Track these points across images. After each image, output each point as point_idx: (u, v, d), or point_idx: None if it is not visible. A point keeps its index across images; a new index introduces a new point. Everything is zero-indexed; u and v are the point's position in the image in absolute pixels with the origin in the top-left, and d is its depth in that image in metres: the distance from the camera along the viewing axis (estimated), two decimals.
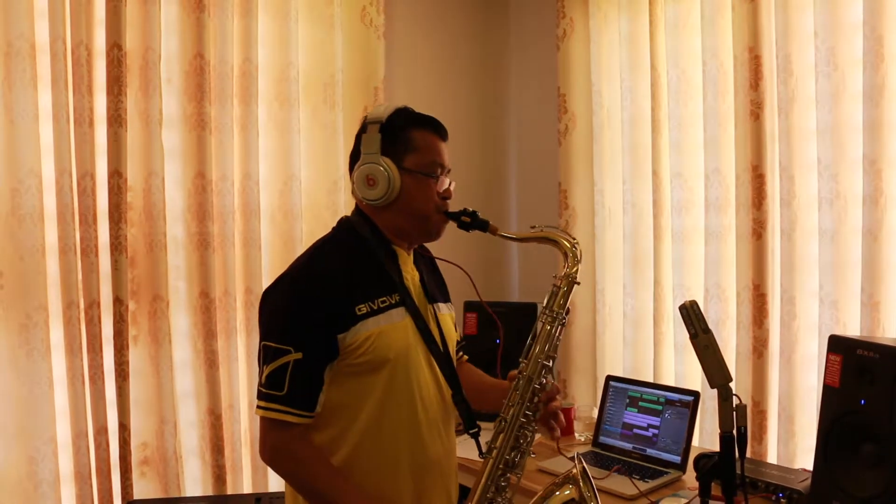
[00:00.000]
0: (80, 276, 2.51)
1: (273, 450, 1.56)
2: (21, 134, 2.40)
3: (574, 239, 1.65)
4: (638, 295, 3.06)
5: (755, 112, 2.51)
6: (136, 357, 2.65)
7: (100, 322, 2.54)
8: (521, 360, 1.61)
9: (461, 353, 1.92)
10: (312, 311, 1.52)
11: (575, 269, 1.62)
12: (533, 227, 1.65)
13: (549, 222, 3.16)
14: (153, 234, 2.66)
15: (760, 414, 2.55)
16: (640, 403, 2.54)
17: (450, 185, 1.69)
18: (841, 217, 2.35)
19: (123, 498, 2.58)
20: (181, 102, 2.72)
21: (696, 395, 2.42)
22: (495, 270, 3.66)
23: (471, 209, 1.65)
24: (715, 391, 1.49)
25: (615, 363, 3.16)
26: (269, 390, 1.53)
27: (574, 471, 1.53)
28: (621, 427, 2.56)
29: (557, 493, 1.53)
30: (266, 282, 2.88)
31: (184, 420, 2.76)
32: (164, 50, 2.66)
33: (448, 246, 1.81)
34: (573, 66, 3.21)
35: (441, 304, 1.77)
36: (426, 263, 1.80)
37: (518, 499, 1.65)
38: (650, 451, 2.45)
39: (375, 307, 1.56)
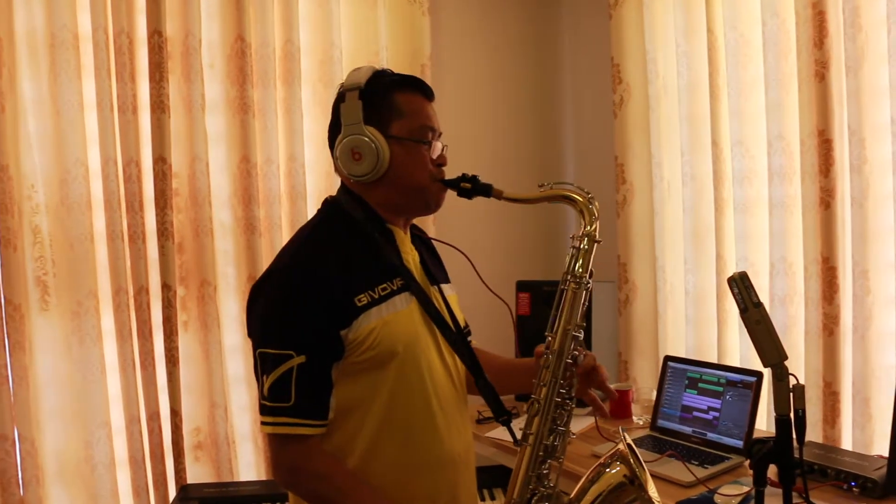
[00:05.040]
0: (128, 263, 2.54)
1: (291, 470, 1.40)
2: (67, 123, 2.44)
3: (588, 193, 1.50)
4: (700, 271, 2.92)
5: (820, 72, 2.34)
6: (186, 342, 2.67)
7: (149, 308, 2.57)
8: (546, 333, 1.46)
9: (468, 339, 1.71)
10: (310, 308, 1.36)
11: (593, 226, 1.48)
12: (541, 186, 1.50)
13: (606, 198, 3.08)
14: (199, 219, 2.66)
15: (833, 396, 2.39)
16: (700, 385, 2.41)
17: (443, 149, 1.53)
18: None
19: (177, 482, 2.61)
20: (224, 87, 2.72)
21: (759, 375, 2.27)
22: (552, 247, 3.55)
23: (470, 174, 1.49)
24: None
25: (677, 343, 3.03)
26: (275, 403, 1.37)
27: (620, 447, 1.42)
28: (680, 410, 2.44)
29: (607, 471, 1.41)
30: None
31: (235, 405, 2.77)
32: (204, 35, 2.66)
33: (498, 224, 1.73)
34: (626, 35, 3.07)
35: (444, 286, 1.62)
36: (423, 244, 1.65)
37: (565, 484, 1.51)
38: (711, 436, 2.33)
39: (376, 296, 1.41)
